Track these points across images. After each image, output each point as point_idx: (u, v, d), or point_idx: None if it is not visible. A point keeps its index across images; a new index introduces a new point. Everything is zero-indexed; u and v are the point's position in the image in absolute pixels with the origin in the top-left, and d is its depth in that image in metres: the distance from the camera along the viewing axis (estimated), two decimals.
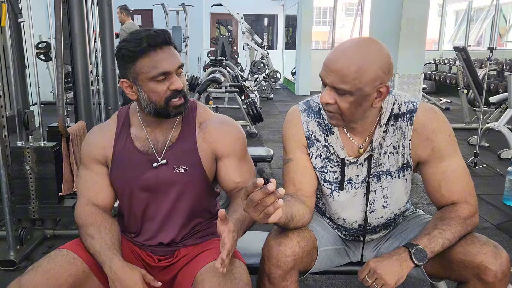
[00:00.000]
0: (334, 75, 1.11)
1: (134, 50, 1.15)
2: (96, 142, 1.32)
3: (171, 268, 1.31)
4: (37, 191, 2.35)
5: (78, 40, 2.44)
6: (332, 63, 1.12)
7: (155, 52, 1.15)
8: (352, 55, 1.10)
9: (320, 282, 2.07)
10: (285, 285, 1.20)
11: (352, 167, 1.30)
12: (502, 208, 3.07)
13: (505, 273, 1.12)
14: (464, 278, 1.17)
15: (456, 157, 1.23)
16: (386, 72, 1.13)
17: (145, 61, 1.15)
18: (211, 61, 7.13)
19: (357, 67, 1.09)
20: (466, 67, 5.29)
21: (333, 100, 1.14)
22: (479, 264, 1.11)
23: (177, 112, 1.22)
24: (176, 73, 1.18)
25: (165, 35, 1.17)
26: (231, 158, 1.30)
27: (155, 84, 1.17)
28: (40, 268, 1.12)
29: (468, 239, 1.17)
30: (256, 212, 1.00)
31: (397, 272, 1.12)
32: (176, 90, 1.18)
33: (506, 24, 10.06)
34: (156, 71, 1.15)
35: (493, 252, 1.12)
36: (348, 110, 1.15)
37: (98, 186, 1.31)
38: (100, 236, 1.21)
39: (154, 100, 1.19)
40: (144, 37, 1.14)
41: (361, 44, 1.13)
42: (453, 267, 1.18)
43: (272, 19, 13.58)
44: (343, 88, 1.11)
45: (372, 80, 1.11)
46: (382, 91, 1.14)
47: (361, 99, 1.13)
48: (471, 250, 1.14)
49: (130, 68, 1.18)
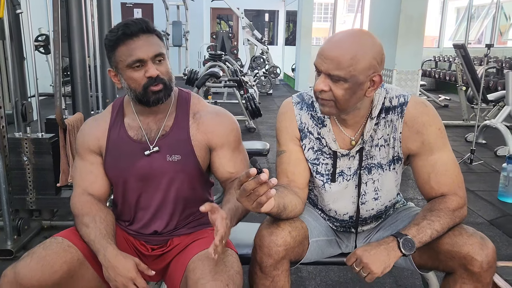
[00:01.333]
0: (329, 62, 1.14)
1: (111, 39, 1.20)
2: (90, 132, 1.34)
3: (164, 256, 1.33)
4: (35, 182, 2.37)
5: (76, 33, 2.45)
6: (327, 51, 1.14)
7: (132, 41, 1.18)
8: (347, 44, 1.14)
9: (313, 274, 2.09)
10: (276, 274, 1.22)
11: (344, 160, 1.32)
12: (497, 204, 3.09)
13: (491, 264, 1.13)
14: (451, 268, 1.19)
15: (445, 150, 1.25)
16: (379, 62, 1.16)
17: (122, 49, 1.19)
18: (211, 56, 7.14)
19: (352, 55, 1.12)
20: (465, 64, 5.30)
21: (328, 87, 1.16)
22: (465, 255, 1.13)
23: (155, 98, 1.23)
24: (154, 61, 1.21)
25: (142, 24, 1.20)
26: (225, 148, 1.32)
27: (132, 71, 1.20)
28: (35, 255, 1.14)
29: (456, 231, 1.19)
30: (249, 201, 1.02)
31: (384, 261, 1.13)
32: (151, 77, 1.20)
33: (506, 22, 10.04)
34: (130, 59, 1.18)
35: (480, 243, 1.14)
36: (343, 97, 1.16)
37: (93, 176, 1.33)
38: (95, 225, 1.23)
39: (133, 87, 1.22)
40: (121, 26, 1.19)
41: (355, 35, 1.17)
42: (441, 257, 1.20)
43: (272, 14, 13.57)
44: (338, 75, 1.13)
45: (366, 68, 1.14)
46: (375, 80, 1.17)
47: (355, 87, 1.15)
48: (458, 241, 1.16)
49: (111, 57, 1.22)
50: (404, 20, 3.83)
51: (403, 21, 3.83)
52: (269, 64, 9.68)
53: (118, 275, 1.13)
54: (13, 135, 2.35)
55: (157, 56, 1.21)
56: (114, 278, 1.14)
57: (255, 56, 9.52)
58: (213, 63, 6.61)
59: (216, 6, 11.77)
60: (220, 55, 7.00)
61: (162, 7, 11.27)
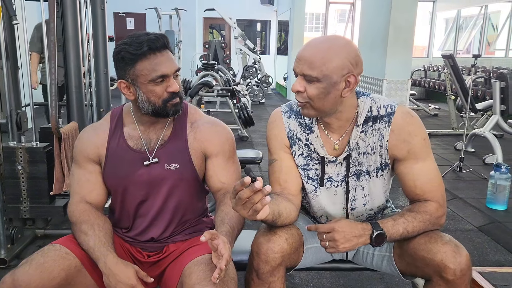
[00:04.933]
0: (302, 63, 1.20)
1: (135, 53, 1.20)
2: (89, 141, 1.36)
3: (160, 263, 1.35)
4: (29, 190, 2.37)
5: (71, 43, 2.47)
6: (302, 53, 1.22)
7: (155, 56, 1.21)
8: (320, 45, 1.21)
9: (306, 280, 2.12)
10: (272, 280, 1.24)
11: (331, 166, 1.36)
12: (485, 211, 3.15)
13: (464, 272, 1.15)
14: (428, 275, 1.22)
15: (429, 159, 1.30)
16: (353, 63, 1.21)
17: (145, 64, 1.21)
18: (203, 65, 7.18)
19: (323, 54, 1.18)
20: (454, 74, 5.40)
21: (303, 88, 1.22)
22: (439, 262, 1.16)
23: (175, 111, 1.28)
24: (173, 76, 1.25)
25: (164, 39, 1.23)
26: (220, 157, 1.35)
27: (154, 85, 1.23)
28: (34, 262, 1.16)
29: (432, 238, 1.22)
30: (245, 209, 1.06)
31: (352, 245, 1.20)
32: (174, 92, 1.25)
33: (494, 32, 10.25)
34: (155, 74, 1.21)
35: (453, 250, 1.17)
36: (317, 97, 1.21)
37: (91, 184, 1.35)
38: (94, 233, 1.25)
39: (153, 100, 1.25)
40: (145, 41, 1.20)
41: (329, 37, 1.24)
42: (418, 264, 1.23)
43: (264, 24, 13.69)
44: (311, 74, 1.19)
45: (339, 68, 1.19)
46: (350, 81, 1.21)
47: (329, 87, 1.20)
48: (432, 248, 1.19)
49: (129, 70, 1.23)
50: (393, 30, 3.91)
51: (393, 32, 3.91)
52: (261, 74, 9.75)
53: (119, 283, 1.16)
54: (8, 144, 2.36)
55: (178, 71, 1.26)
56: (115, 285, 1.16)
57: (248, 65, 9.59)
58: (206, 73, 6.64)
59: (208, 16, 11.85)
60: (213, 64, 7.04)
61: (155, 17, 11.31)
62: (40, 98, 4.16)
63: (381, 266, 1.37)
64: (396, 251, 1.31)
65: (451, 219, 2.98)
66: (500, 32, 9.81)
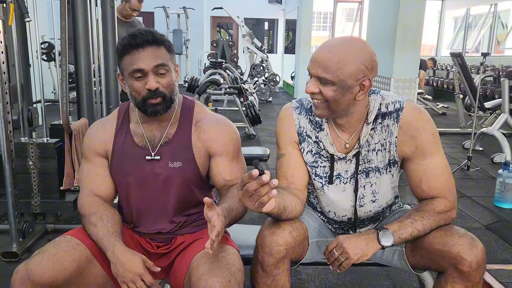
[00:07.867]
0: (318, 66, 1.21)
1: (119, 47, 1.26)
2: (97, 136, 1.39)
3: (169, 254, 1.38)
4: (39, 186, 2.42)
5: (82, 40, 2.51)
6: (317, 55, 1.22)
7: (137, 51, 1.23)
8: (336, 49, 1.20)
9: (312, 276, 2.14)
10: (277, 272, 1.26)
11: (341, 163, 1.37)
12: (493, 210, 3.14)
13: (480, 264, 1.18)
14: (443, 268, 1.23)
15: (438, 155, 1.30)
16: (369, 68, 1.21)
17: (128, 58, 1.24)
18: (211, 64, 7.21)
19: (339, 59, 1.18)
20: (462, 72, 5.37)
21: (317, 89, 1.23)
22: (455, 255, 1.18)
23: (153, 110, 1.27)
24: (156, 72, 1.24)
25: (148, 36, 1.24)
26: (224, 157, 1.36)
27: (134, 80, 1.25)
28: (46, 253, 1.19)
29: (448, 231, 1.24)
30: (251, 201, 1.07)
31: (362, 250, 1.22)
32: (150, 90, 1.24)
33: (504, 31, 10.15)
34: (131, 68, 1.24)
35: (469, 243, 1.19)
36: (333, 99, 1.22)
37: (100, 178, 1.38)
38: (102, 224, 1.27)
39: (134, 95, 1.27)
40: (128, 37, 1.24)
41: (345, 40, 1.23)
42: (432, 257, 1.24)
43: (272, 23, 13.69)
44: (326, 78, 1.20)
45: (354, 72, 1.19)
46: (365, 84, 1.22)
47: (344, 90, 1.21)
48: (449, 241, 1.21)
49: (120, 63, 1.28)
50: (401, 29, 3.90)
51: (400, 30, 3.90)
52: (269, 72, 9.77)
53: (126, 271, 1.18)
54: (19, 140, 2.40)
55: (159, 67, 1.24)
56: (122, 273, 1.18)
57: (255, 64, 9.61)
58: (213, 71, 6.67)
59: (216, 15, 11.89)
60: (220, 62, 7.07)
61: (163, 16, 11.38)
62: (50, 95, 4.22)
63: (391, 260, 1.38)
64: (408, 245, 1.32)
65: (459, 217, 2.98)
66: (510, 31, 9.72)
